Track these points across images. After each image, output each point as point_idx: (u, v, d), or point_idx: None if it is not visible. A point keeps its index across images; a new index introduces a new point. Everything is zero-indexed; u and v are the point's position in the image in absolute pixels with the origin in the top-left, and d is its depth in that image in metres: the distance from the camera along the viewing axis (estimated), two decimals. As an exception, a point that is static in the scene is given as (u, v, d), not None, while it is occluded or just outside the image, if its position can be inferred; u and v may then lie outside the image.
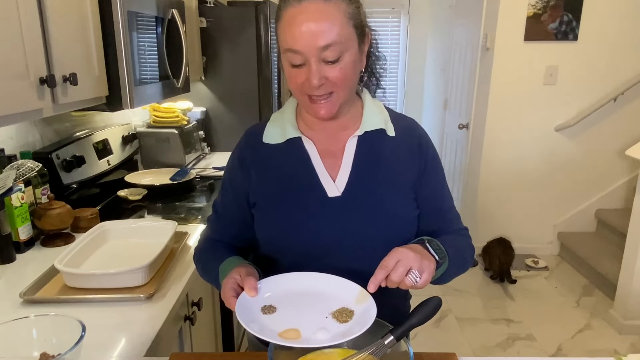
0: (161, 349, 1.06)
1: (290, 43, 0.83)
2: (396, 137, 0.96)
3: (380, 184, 0.94)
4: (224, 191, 1.04)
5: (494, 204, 3.60)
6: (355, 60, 0.87)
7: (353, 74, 0.88)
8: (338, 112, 0.92)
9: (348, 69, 0.85)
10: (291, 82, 0.88)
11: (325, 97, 0.87)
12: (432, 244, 0.87)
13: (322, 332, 0.75)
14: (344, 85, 0.87)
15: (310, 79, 0.83)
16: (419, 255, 0.80)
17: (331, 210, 0.92)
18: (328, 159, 0.95)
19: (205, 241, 1.07)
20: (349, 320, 0.77)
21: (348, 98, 0.92)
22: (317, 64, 0.82)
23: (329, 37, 0.81)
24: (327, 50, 0.81)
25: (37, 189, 1.55)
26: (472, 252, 1.03)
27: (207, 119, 2.89)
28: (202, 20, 2.66)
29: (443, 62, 4.43)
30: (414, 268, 0.78)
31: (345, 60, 0.84)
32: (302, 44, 0.81)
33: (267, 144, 0.97)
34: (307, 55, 0.82)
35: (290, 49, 0.83)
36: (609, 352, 2.48)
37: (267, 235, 0.96)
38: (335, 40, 0.81)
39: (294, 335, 0.74)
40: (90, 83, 1.43)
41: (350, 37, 0.84)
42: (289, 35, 0.82)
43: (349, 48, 0.84)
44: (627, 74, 3.28)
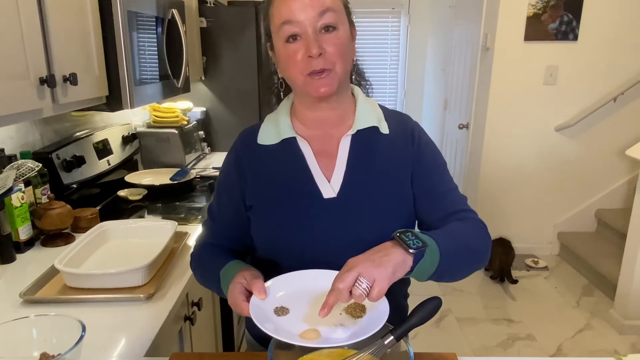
0: (161, 349, 1.06)
1: (286, 15, 0.84)
2: (390, 134, 0.95)
3: (375, 183, 0.93)
4: (218, 194, 1.02)
5: (494, 203, 3.60)
6: (349, 37, 0.89)
7: (348, 49, 0.89)
8: (336, 100, 0.92)
9: (344, 40, 0.87)
10: (289, 61, 0.87)
11: (324, 72, 0.86)
12: (405, 235, 0.78)
13: (342, 330, 0.74)
14: (341, 59, 0.87)
15: (309, 48, 0.83)
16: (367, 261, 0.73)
17: (327, 212, 0.91)
18: (323, 159, 0.95)
19: (202, 246, 1.05)
20: (363, 315, 0.77)
21: (346, 77, 0.92)
22: (314, 33, 0.84)
23: (325, 2, 0.83)
24: (324, 14, 0.83)
25: (37, 189, 1.55)
26: (484, 233, 0.93)
27: (207, 119, 2.89)
28: (202, 20, 2.66)
29: (443, 62, 4.43)
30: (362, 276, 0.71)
31: (341, 31, 0.86)
32: (299, 12, 0.83)
33: (262, 145, 0.96)
34: (304, 25, 0.83)
35: (287, 20, 0.84)
36: (609, 352, 2.48)
37: (264, 238, 0.96)
38: (331, 6, 0.84)
39: (314, 335, 0.73)
40: (90, 83, 1.43)
41: (342, 12, 0.88)
42: (285, 8, 0.84)
43: (343, 21, 0.87)
44: (627, 74, 3.28)
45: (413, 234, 0.79)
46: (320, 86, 0.87)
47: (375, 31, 4.74)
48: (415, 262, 0.76)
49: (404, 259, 0.74)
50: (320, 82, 0.86)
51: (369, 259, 0.73)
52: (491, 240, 0.96)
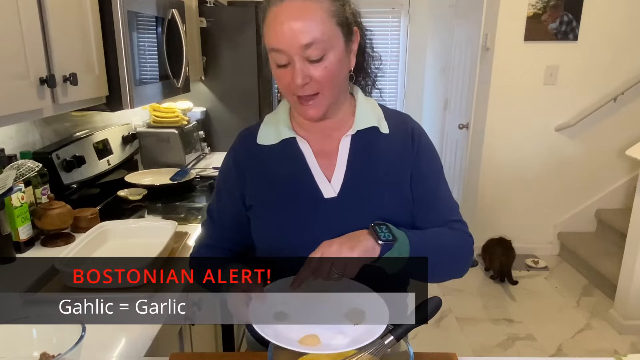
0: (161, 349, 1.06)
1: (273, 42, 0.83)
2: (390, 133, 0.95)
3: (375, 183, 0.93)
4: (218, 195, 1.02)
5: (494, 204, 3.60)
6: (342, 60, 0.87)
7: (339, 73, 0.87)
8: (328, 112, 0.91)
9: (333, 68, 0.85)
10: (279, 83, 0.88)
11: (312, 97, 0.86)
12: (379, 227, 0.83)
13: (341, 336, 0.75)
14: (330, 85, 0.86)
15: (294, 78, 0.83)
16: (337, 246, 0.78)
17: (327, 211, 0.91)
18: (323, 159, 0.95)
19: (201, 247, 1.04)
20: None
21: (337, 98, 0.91)
22: (300, 62, 0.82)
23: (310, 35, 0.80)
24: (309, 48, 0.81)
25: (37, 189, 1.55)
26: (467, 246, 0.96)
27: (207, 119, 2.89)
28: (202, 20, 2.66)
29: (443, 62, 4.42)
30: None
31: (330, 59, 0.84)
32: (284, 42, 0.81)
33: (261, 145, 0.96)
34: (291, 54, 0.82)
35: (274, 48, 0.83)
36: (609, 352, 2.48)
37: (264, 239, 0.96)
38: (318, 38, 0.81)
39: (313, 341, 0.74)
40: (90, 83, 1.43)
41: (334, 36, 0.84)
42: (272, 34, 0.83)
43: (333, 47, 0.84)
44: (627, 74, 3.28)
45: (387, 227, 0.83)
46: (308, 110, 0.88)
47: (375, 31, 4.71)
48: (382, 253, 0.81)
49: (373, 247, 0.80)
50: (308, 107, 0.87)
51: (340, 242, 0.79)
52: (473, 254, 0.99)
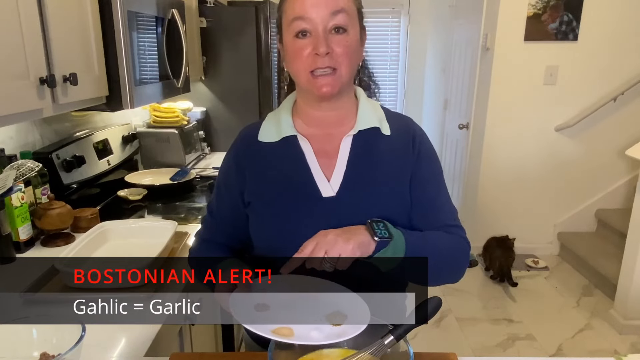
0: (161, 349, 1.06)
1: (299, 11, 0.84)
2: (391, 135, 0.95)
3: (374, 183, 0.93)
4: (218, 191, 1.03)
5: (494, 204, 3.60)
6: (358, 42, 0.90)
7: (356, 52, 0.90)
8: (337, 101, 0.92)
9: (353, 43, 0.88)
10: (296, 57, 0.87)
11: (329, 71, 0.86)
12: (376, 224, 0.84)
13: (316, 332, 0.75)
14: (348, 62, 0.87)
15: (317, 46, 0.84)
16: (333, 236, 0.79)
17: (325, 210, 0.91)
18: (323, 158, 0.95)
19: (200, 243, 1.05)
20: (342, 324, 0.77)
21: (349, 80, 0.92)
22: (324, 32, 0.84)
23: (339, 4, 0.84)
24: (337, 16, 0.84)
25: (37, 189, 1.55)
26: (464, 251, 0.95)
27: (207, 119, 2.89)
28: (202, 20, 2.66)
29: (443, 62, 4.43)
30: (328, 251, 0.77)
31: (351, 35, 0.87)
32: (312, 10, 0.83)
33: (262, 143, 0.96)
34: (316, 22, 0.84)
35: (299, 16, 0.85)
36: (609, 352, 2.48)
37: (262, 235, 0.96)
38: (344, 7, 0.85)
39: (287, 332, 0.75)
40: (90, 83, 1.43)
41: (355, 16, 0.88)
42: (298, 4, 0.85)
43: (354, 25, 0.88)
44: (627, 74, 3.28)
45: (385, 225, 0.84)
46: (323, 85, 0.87)
47: (375, 31, 4.74)
48: (377, 249, 0.81)
49: (368, 242, 0.80)
50: (324, 80, 0.87)
51: (336, 233, 0.80)
52: (469, 259, 0.99)
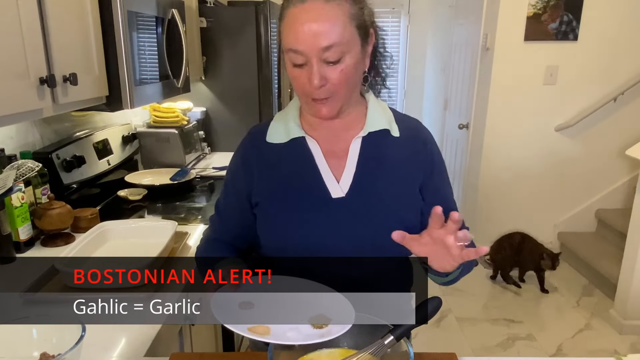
0: (161, 349, 1.06)
1: (292, 43, 0.83)
2: (400, 137, 0.96)
3: (384, 185, 0.93)
4: (226, 191, 1.04)
5: (493, 204, 3.60)
6: (357, 62, 0.87)
7: (354, 75, 0.88)
8: (340, 112, 0.92)
9: (349, 70, 0.85)
10: (293, 83, 0.88)
11: (326, 98, 0.87)
12: None
13: (293, 332, 0.75)
14: (345, 87, 0.87)
15: (311, 79, 0.84)
16: None
17: (334, 211, 0.91)
18: (332, 159, 0.95)
19: (206, 242, 1.06)
20: (323, 328, 0.77)
21: (350, 98, 0.92)
22: (318, 64, 0.83)
23: (330, 38, 0.81)
24: (328, 51, 0.82)
25: (37, 189, 1.55)
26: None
27: (207, 119, 2.89)
28: (202, 20, 2.65)
29: (443, 62, 4.42)
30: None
31: (347, 62, 0.85)
32: (303, 44, 0.82)
33: (270, 143, 0.96)
34: (309, 55, 0.82)
35: (292, 48, 0.83)
36: (609, 352, 2.48)
37: (270, 236, 0.96)
38: (337, 41, 0.82)
39: (263, 331, 0.75)
40: (90, 83, 1.43)
41: (352, 39, 0.85)
42: (292, 35, 0.83)
43: (350, 49, 0.85)
44: (627, 74, 3.28)
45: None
46: (321, 108, 0.88)
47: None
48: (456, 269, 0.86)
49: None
50: (322, 106, 0.88)
51: None
52: None
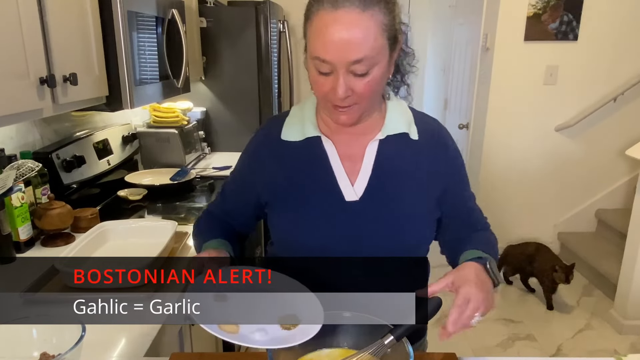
0: (161, 349, 1.06)
1: (319, 51, 0.79)
2: (420, 140, 0.93)
3: (400, 189, 0.91)
4: (233, 178, 1.04)
5: (493, 203, 3.59)
6: (384, 73, 0.84)
7: (379, 86, 0.85)
8: (360, 118, 0.90)
9: (375, 82, 0.82)
10: (316, 89, 0.85)
11: (348, 106, 0.84)
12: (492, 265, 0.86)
13: (260, 334, 0.75)
14: (369, 97, 0.84)
15: (336, 89, 0.80)
16: (484, 293, 0.81)
17: (347, 214, 0.90)
18: (347, 162, 0.93)
19: (207, 213, 1.08)
20: (291, 329, 0.77)
21: (372, 106, 0.90)
22: (345, 75, 0.79)
23: (361, 52, 0.77)
24: (357, 64, 0.78)
25: (37, 189, 1.55)
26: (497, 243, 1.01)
27: (207, 119, 2.89)
28: (202, 20, 2.66)
29: (443, 62, 4.43)
30: (480, 310, 0.80)
31: (374, 73, 0.81)
32: (332, 55, 0.78)
33: (285, 142, 0.94)
34: (336, 66, 0.79)
35: (319, 57, 0.79)
36: (609, 352, 2.48)
37: (281, 235, 0.95)
38: (367, 55, 0.78)
39: (232, 329, 0.75)
40: (90, 83, 1.43)
41: (382, 50, 0.81)
42: (319, 43, 0.79)
43: (379, 61, 0.81)
44: (627, 74, 3.28)
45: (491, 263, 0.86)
46: (342, 115, 0.86)
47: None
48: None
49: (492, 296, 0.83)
50: (342, 113, 0.85)
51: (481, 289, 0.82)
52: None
